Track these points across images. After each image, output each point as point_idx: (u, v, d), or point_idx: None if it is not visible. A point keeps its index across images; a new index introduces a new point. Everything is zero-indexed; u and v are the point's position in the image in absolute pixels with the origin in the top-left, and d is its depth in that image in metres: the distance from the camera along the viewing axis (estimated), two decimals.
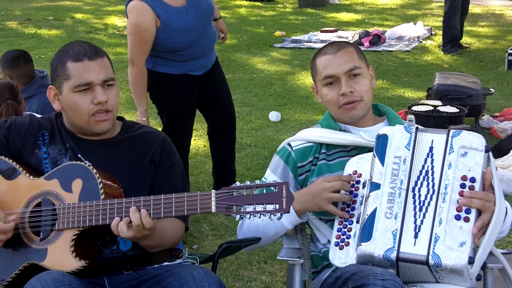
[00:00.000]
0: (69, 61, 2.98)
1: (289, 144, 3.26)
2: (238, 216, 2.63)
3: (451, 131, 2.87)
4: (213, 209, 2.66)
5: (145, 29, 4.96)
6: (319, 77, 3.21)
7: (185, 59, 5.19)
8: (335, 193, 2.94)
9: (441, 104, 7.16)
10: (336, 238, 2.92)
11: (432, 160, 2.84)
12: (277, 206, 2.61)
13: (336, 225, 2.95)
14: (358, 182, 2.99)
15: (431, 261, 2.66)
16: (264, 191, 2.64)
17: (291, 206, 2.95)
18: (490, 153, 2.88)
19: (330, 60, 3.17)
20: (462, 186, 2.77)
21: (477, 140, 2.84)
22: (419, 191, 2.80)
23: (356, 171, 3.01)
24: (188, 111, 5.43)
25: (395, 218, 2.76)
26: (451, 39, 11.48)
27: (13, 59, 5.72)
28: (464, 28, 12.14)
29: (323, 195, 2.94)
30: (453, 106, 7.08)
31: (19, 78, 5.59)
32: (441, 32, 12.08)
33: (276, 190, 2.63)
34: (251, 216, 2.61)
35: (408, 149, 2.87)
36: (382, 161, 2.88)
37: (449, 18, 11.29)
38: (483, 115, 7.79)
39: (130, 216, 2.73)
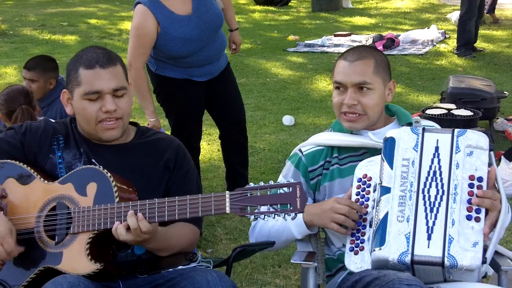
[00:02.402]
0: (81, 67, 2.99)
1: (300, 150, 3.27)
2: (252, 217, 2.64)
3: (456, 130, 2.87)
4: (228, 210, 2.67)
5: (145, 33, 4.98)
6: (333, 79, 3.21)
7: (186, 66, 5.20)
8: (342, 215, 2.94)
9: (455, 107, 7.14)
10: (351, 243, 2.92)
11: (439, 160, 2.83)
12: (291, 206, 2.61)
13: (350, 230, 2.96)
14: (368, 185, 2.99)
15: (446, 263, 2.65)
16: (278, 192, 2.64)
17: (302, 218, 2.98)
18: (492, 152, 2.89)
19: (345, 67, 3.15)
20: (471, 185, 2.77)
21: (482, 139, 2.84)
22: (428, 192, 2.79)
23: (366, 175, 3.01)
24: (193, 114, 5.43)
25: (407, 221, 2.75)
26: (466, 42, 11.45)
27: (52, 61, 5.80)
28: (479, 32, 12.10)
29: (330, 214, 2.95)
30: (467, 109, 7.05)
31: (57, 80, 5.65)
32: (455, 35, 12.06)
33: (290, 190, 2.63)
34: (266, 216, 2.62)
35: (416, 151, 2.87)
36: (390, 164, 2.88)
37: (465, 22, 11.27)
38: (498, 118, 7.77)
39: (127, 220, 2.74)
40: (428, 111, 7.05)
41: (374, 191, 2.94)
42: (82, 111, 3.02)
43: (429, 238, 2.71)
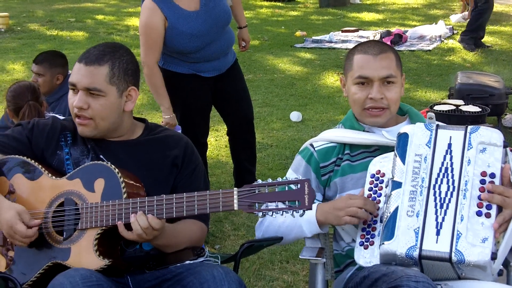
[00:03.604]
0: (78, 59, 3.05)
1: (311, 145, 3.24)
2: (260, 214, 2.64)
3: (469, 127, 2.86)
4: (236, 207, 2.67)
5: (153, 28, 4.98)
6: (352, 74, 3.15)
7: (193, 61, 5.19)
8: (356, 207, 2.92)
9: (463, 103, 7.13)
10: (361, 238, 2.92)
11: (451, 157, 2.82)
12: (299, 203, 2.61)
13: (361, 225, 2.95)
14: (381, 181, 2.98)
15: (454, 258, 2.65)
16: (286, 189, 2.64)
17: (315, 216, 2.96)
18: (508, 149, 2.86)
19: (369, 61, 3.11)
20: (482, 182, 2.75)
21: (495, 136, 2.82)
22: (439, 188, 2.79)
23: (379, 171, 3.00)
24: (200, 110, 5.43)
25: (417, 216, 2.75)
26: (475, 29, 11.36)
27: (61, 57, 5.82)
28: (487, 27, 12.06)
29: (343, 210, 2.92)
30: (475, 105, 7.03)
31: (65, 76, 5.66)
32: (463, 30, 12.00)
33: (298, 187, 2.63)
34: (273, 213, 2.62)
35: (429, 147, 2.86)
36: (403, 159, 2.87)
37: (481, 11, 11.20)
38: (506, 114, 7.75)
39: (137, 220, 2.75)
40: (436, 107, 7.04)
41: (387, 187, 2.93)
42: (68, 100, 3.09)
43: (437, 233, 2.71)
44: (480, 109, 6.95)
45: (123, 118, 3.11)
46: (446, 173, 2.80)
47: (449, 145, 2.85)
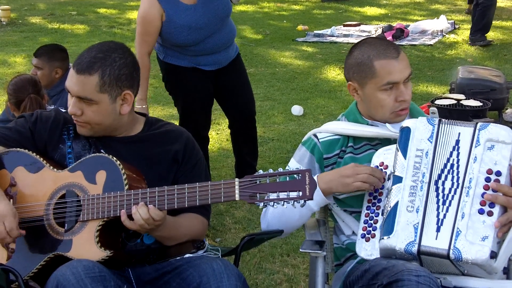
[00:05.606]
0: (73, 63, 3.04)
1: (315, 135, 3.23)
2: (261, 204, 2.65)
3: (478, 124, 2.83)
4: (237, 197, 2.68)
5: (150, 20, 5.04)
6: (378, 81, 3.06)
7: (193, 54, 5.20)
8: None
9: (465, 98, 7.13)
10: (363, 230, 2.92)
11: (458, 154, 2.80)
12: (301, 193, 2.62)
13: (363, 217, 2.95)
14: (385, 173, 2.97)
15: (451, 255, 2.65)
16: (287, 179, 2.65)
17: (318, 186, 2.91)
18: None
19: (394, 65, 3.04)
20: (487, 180, 2.73)
21: (504, 133, 2.78)
22: (443, 184, 2.78)
23: (382, 163, 3.00)
24: (200, 104, 5.43)
25: (417, 212, 2.75)
26: (483, 27, 11.33)
27: (61, 51, 5.81)
28: None
29: (351, 177, 2.91)
30: (477, 100, 7.04)
31: (65, 70, 5.65)
32: (464, 26, 11.99)
33: (299, 177, 2.64)
34: (275, 203, 2.63)
35: (431, 142, 2.85)
36: (404, 154, 2.87)
37: (485, 8, 11.15)
38: (507, 109, 7.75)
39: (138, 211, 2.76)
40: (437, 102, 7.04)
41: (388, 180, 2.92)
42: None
43: (438, 230, 2.71)
44: (481, 104, 6.95)
45: (121, 119, 3.09)
46: (451, 170, 2.79)
47: (457, 142, 2.83)
